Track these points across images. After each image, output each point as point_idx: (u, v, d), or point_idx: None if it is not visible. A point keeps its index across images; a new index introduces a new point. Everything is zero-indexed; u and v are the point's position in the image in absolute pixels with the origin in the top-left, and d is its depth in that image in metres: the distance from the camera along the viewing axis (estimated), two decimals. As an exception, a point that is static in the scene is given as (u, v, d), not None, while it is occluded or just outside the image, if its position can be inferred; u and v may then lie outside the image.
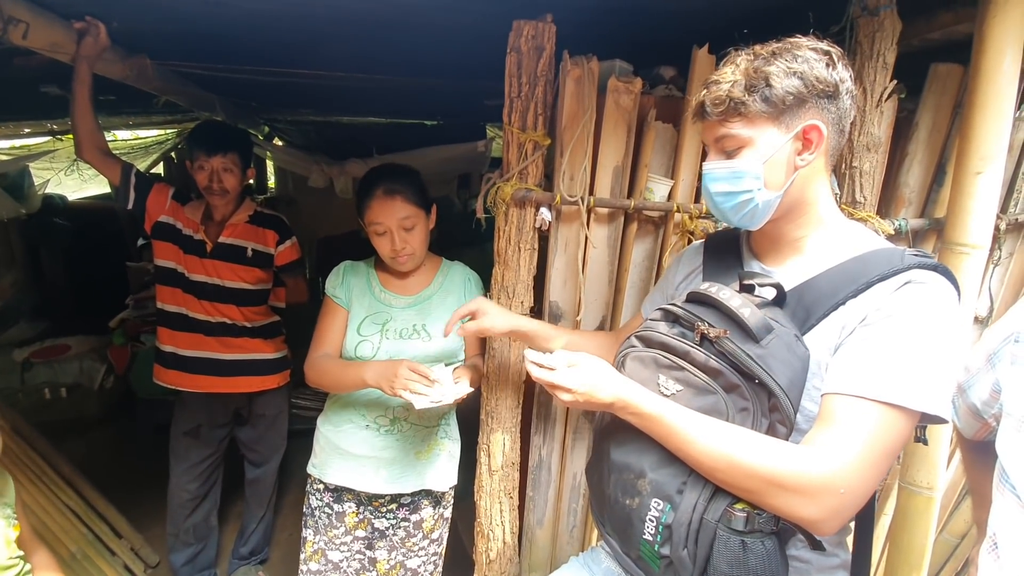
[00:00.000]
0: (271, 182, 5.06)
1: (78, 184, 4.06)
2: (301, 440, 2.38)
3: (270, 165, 4.89)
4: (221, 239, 1.98)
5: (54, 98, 2.48)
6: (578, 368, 0.94)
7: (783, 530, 0.84)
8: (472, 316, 1.24)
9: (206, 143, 1.89)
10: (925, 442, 0.96)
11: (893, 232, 1.54)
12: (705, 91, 0.92)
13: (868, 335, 0.83)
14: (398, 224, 1.39)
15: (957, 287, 0.87)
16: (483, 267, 1.61)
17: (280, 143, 4.49)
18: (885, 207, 1.65)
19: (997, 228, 1.59)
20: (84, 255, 3.95)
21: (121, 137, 4.33)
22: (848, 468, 0.78)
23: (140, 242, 3.84)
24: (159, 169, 4.12)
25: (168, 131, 4.25)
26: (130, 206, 1.97)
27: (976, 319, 1.75)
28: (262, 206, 2.12)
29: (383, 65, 2.46)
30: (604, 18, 1.62)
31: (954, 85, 1.57)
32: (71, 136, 3.70)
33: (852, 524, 1.00)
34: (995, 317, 1.79)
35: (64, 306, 3.94)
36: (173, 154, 4.11)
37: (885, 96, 1.42)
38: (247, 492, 2.29)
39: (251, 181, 2.07)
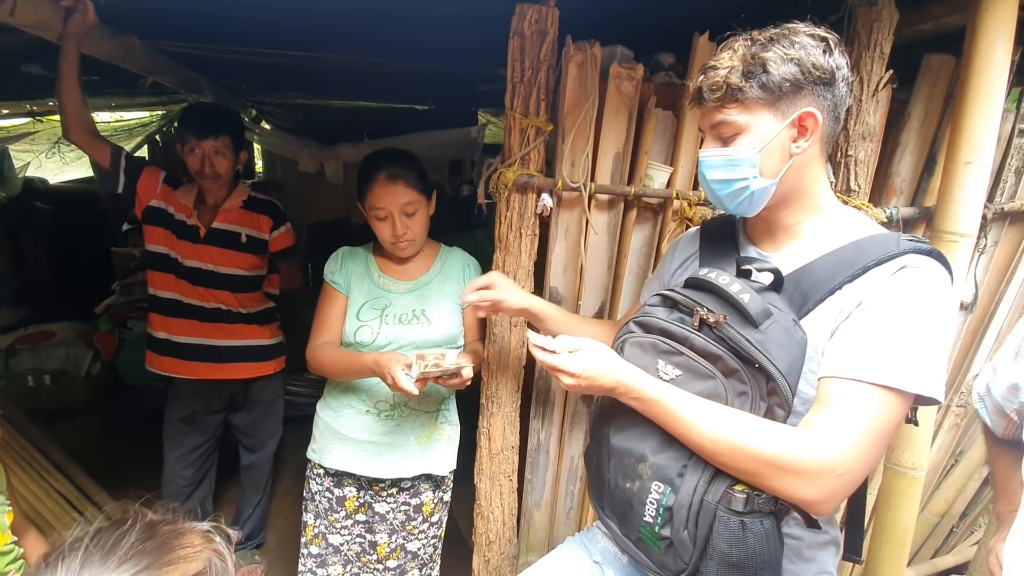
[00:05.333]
0: (259, 167, 4.98)
1: (59, 167, 3.95)
2: (294, 426, 2.39)
3: (258, 149, 4.80)
4: (215, 224, 1.95)
5: (34, 78, 2.41)
6: (580, 353, 0.95)
7: (779, 509, 0.86)
8: (487, 289, 1.23)
9: (197, 126, 1.85)
10: (916, 423, 0.98)
11: (885, 220, 1.58)
12: (702, 77, 0.92)
13: (864, 319, 0.85)
14: (400, 209, 1.38)
15: (951, 271, 0.89)
16: (474, 253, 1.62)
17: (267, 126, 4.41)
18: (877, 195, 1.68)
19: (984, 217, 1.64)
20: (67, 240, 3.86)
21: (103, 119, 4.22)
22: (846, 450, 0.80)
23: (125, 227, 3.77)
24: (143, 152, 4.02)
25: (153, 113, 4.14)
26: (120, 190, 1.93)
27: (961, 306, 1.81)
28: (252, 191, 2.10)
29: (376, 48, 2.43)
30: (604, 3, 1.62)
31: (946, 76, 1.59)
32: (51, 117, 3.60)
33: (843, 503, 1.04)
34: (980, 304, 1.84)
35: (47, 292, 3.86)
36: (158, 137, 4.01)
37: (881, 85, 1.44)
38: (243, 478, 2.29)
39: (239, 167, 2.03)
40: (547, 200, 1.40)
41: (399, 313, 1.46)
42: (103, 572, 0.54)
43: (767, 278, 0.93)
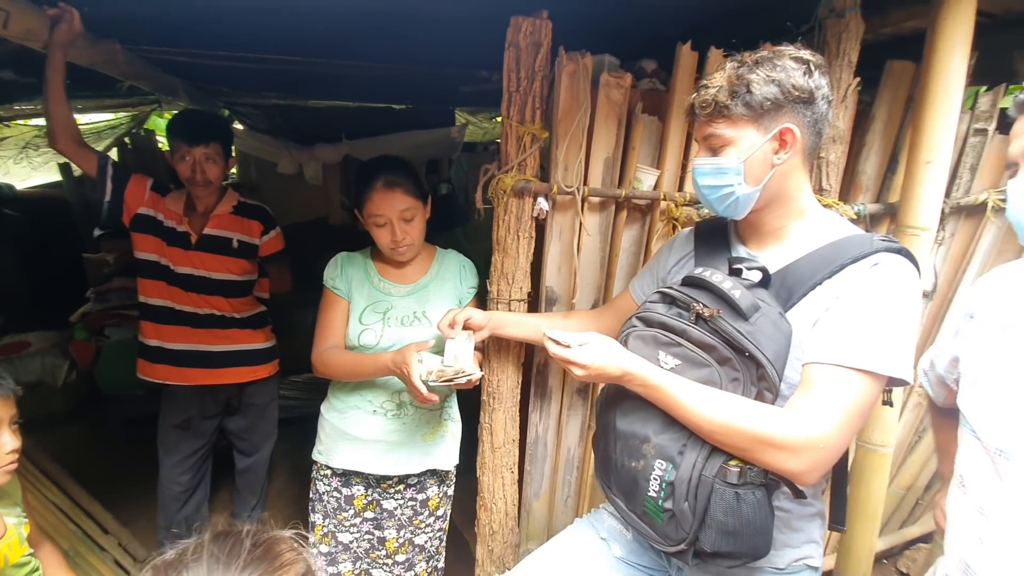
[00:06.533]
0: (232, 168, 4.90)
1: (26, 173, 3.83)
2: (284, 429, 2.40)
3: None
4: (206, 231, 1.95)
5: (3, 83, 2.36)
6: (589, 346, 1.03)
7: (769, 483, 0.96)
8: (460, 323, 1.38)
9: (188, 133, 1.85)
10: (891, 404, 1.09)
11: (855, 216, 1.69)
12: (695, 94, 1.02)
13: (843, 311, 0.95)
14: (398, 216, 1.43)
15: (918, 267, 1.00)
16: (456, 250, 1.67)
17: (240, 127, 4.35)
18: (845, 193, 1.79)
19: (942, 212, 1.77)
20: (37, 247, 3.75)
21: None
22: (827, 427, 0.91)
23: (97, 232, 3.68)
24: (112, 154, 3.93)
25: (119, 115, 4.05)
26: (107, 198, 1.92)
27: (922, 294, 1.94)
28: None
29: (357, 52, 2.45)
30: (586, 11, 1.68)
31: (907, 80, 1.71)
32: (17, 123, 3.49)
33: (828, 479, 1.14)
34: (939, 292, 1.98)
35: (20, 301, 3.75)
36: (127, 139, 3.92)
37: (850, 92, 1.55)
38: (238, 482, 2.29)
39: (228, 172, 2.03)
40: (543, 204, 1.46)
41: (401, 315, 1.50)
42: None
43: (756, 276, 1.02)
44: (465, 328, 1.37)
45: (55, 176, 3.84)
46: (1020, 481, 0.83)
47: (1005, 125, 1.82)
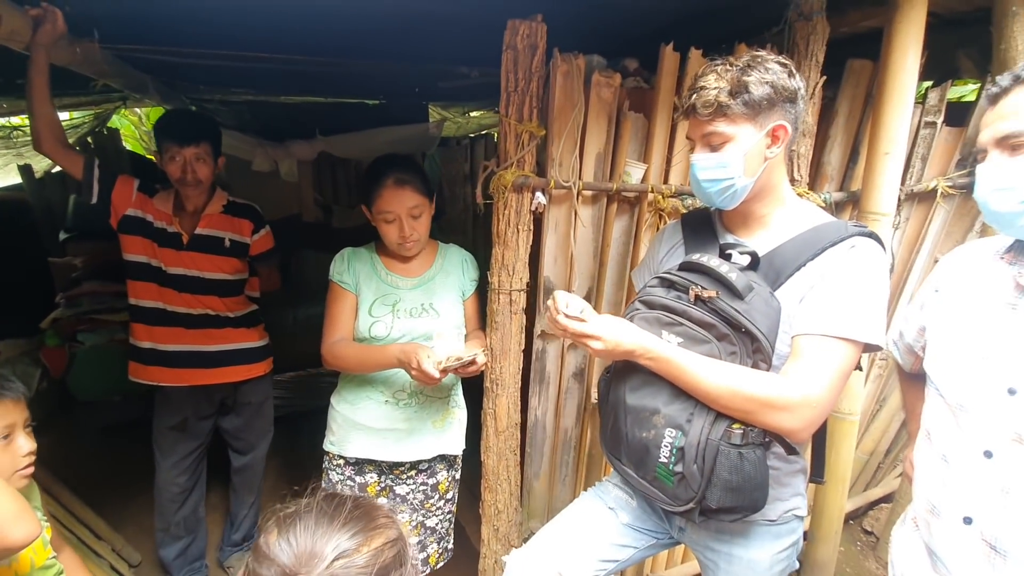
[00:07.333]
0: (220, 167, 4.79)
1: (-17, 175, 3.66)
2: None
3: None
4: (198, 230, 1.95)
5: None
6: (603, 322, 1.11)
7: (767, 442, 1.08)
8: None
9: (178, 133, 1.85)
10: (861, 368, 1.23)
11: (822, 204, 1.83)
12: (696, 95, 1.11)
13: (826, 288, 1.07)
14: (407, 213, 1.49)
15: (884, 248, 1.14)
16: None
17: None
18: (812, 182, 1.94)
19: (898, 198, 1.93)
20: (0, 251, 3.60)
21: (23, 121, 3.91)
22: (819, 389, 1.03)
23: (62, 235, 3.56)
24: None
25: (75, 114, 3.90)
26: (94, 200, 1.89)
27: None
28: None
29: (334, 49, 2.46)
30: (562, 9, 1.75)
31: (866, 78, 1.86)
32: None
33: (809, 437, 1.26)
34: (895, 272, 2.16)
35: (-17, 309, 3.58)
36: (90, 139, 3.79)
37: (817, 89, 1.68)
38: (234, 480, 2.30)
39: (218, 172, 2.03)
40: (541, 198, 1.54)
41: (409, 307, 1.56)
42: (331, 531, 0.68)
43: (745, 259, 1.13)
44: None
45: (15, 179, 3.68)
46: (975, 431, 0.96)
47: (952, 118, 2.01)
